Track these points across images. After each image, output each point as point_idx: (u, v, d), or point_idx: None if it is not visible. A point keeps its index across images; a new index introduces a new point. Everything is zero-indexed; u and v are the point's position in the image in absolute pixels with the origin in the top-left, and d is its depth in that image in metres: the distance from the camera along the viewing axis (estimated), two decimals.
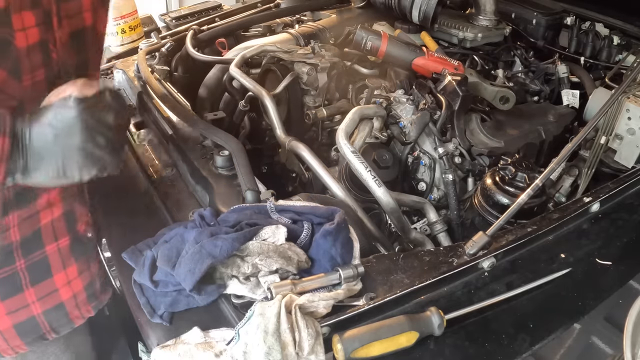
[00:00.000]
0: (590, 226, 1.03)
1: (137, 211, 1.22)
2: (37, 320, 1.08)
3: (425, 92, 1.39)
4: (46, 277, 1.05)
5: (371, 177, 1.14)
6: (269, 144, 1.68)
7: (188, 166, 1.22)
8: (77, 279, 1.11)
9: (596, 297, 0.89)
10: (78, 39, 1.01)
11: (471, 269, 0.92)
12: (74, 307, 1.12)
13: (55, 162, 0.81)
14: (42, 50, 0.91)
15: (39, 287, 1.05)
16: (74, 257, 1.09)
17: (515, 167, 1.15)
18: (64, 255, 1.07)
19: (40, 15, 0.89)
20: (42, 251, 1.03)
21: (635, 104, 1.28)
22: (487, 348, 0.80)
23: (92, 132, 0.82)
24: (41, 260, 1.04)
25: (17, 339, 1.08)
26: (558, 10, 1.87)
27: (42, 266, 1.04)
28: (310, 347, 0.74)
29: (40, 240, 1.02)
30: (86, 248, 1.13)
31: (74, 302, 1.12)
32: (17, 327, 1.06)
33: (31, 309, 1.06)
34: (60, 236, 1.06)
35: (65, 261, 1.07)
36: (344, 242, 0.91)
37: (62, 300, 1.09)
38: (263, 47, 1.63)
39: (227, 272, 0.86)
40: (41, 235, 1.02)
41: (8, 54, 0.85)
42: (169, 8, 4.35)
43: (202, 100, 1.78)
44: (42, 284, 1.05)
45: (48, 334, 1.11)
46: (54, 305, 1.08)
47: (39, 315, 1.07)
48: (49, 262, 1.05)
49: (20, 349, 1.11)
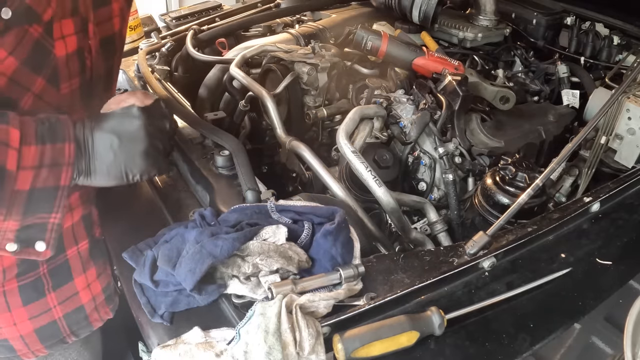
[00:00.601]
0: (590, 226, 1.03)
1: (137, 211, 1.22)
2: (58, 324, 1.09)
3: (426, 92, 1.39)
4: (67, 281, 1.07)
5: (371, 177, 1.14)
6: (269, 144, 1.68)
7: (188, 166, 1.22)
8: (95, 282, 1.12)
9: (596, 297, 0.89)
10: (108, 45, 1.06)
11: (471, 268, 0.92)
12: (93, 309, 1.14)
13: (119, 165, 0.88)
14: (79, 58, 0.95)
15: (61, 291, 1.07)
16: (92, 260, 1.11)
17: (516, 167, 1.15)
18: (84, 259, 1.09)
19: (79, 23, 0.92)
20: (63, 255, 1.05)
21: (635, 104, 1.28)
22: (487, 348, 0.81)
23: (153, 139, 0.90)
24: (63, 264, 1.06)
25: (38, 344, 1.09)
26: (558, 10, 1.87)
27: (63, 270, 1.06)
28: (311, 346, 0.75)
29: (62, 244, 1.04)
30: (102, 250, 1.15)
31: (93, 304, 1.13)
32: (38, 332, 1.07)
33: (52, 313, 1.07)
34: (80, 240, 1.08)
35: (85, 264, 1.10)
36: (344, 242, 0.91)
37: (82, 304, 1.11)
38: (263, 47, 1.63)
39: (228, 272, 0.86)
40: (63, 239, 1.03)
41: (48, 63, 0.88)
42: (169, 8, 4.35)
43: (202, 100, 1.78)
44: (64, 288, 1.07)
45: (68, 338, 1.13)
46: (74, 308, 1.10)
47: (60, 319, 1.09)
48: (69, 265, 1.06)
49: (40, 352, 1.12)
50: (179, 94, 1.49)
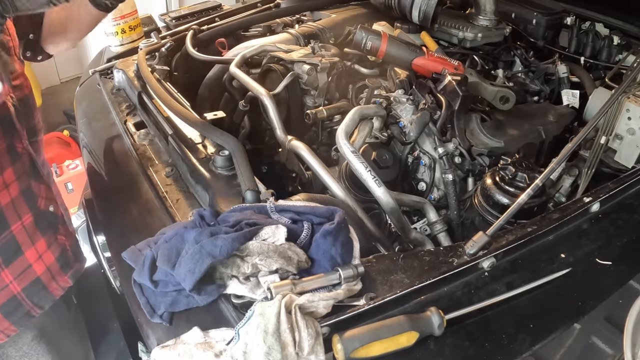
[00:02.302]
0: (590, 226, 1.03)
1: (137, 211, 1.22)
2: (18, 299, 1.12)
3: (425, 92, 1.39)
4: (18, 255, 1.09)
5: (371, 177, 1.14)
6: (269, 144, 1.68)
7: (188, 166, 1.22)
8: (47, 252, 1.15)
9: (596, 297, 0.89)
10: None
11: (471, 269, 0.91)
12: (50, 279, 1.16)
13: None
14: None
15: (13, 267, 1.09)
16: (40, 232, 1.13)
17: (515, 167, 1.15)
18: (30, 232, 1.11)
19: None
20: (8, 231, 1.07)
21: (635, 104, 1.28)
22: (487, 348, 0.80)
23: None
24: (10, 240, 1.08)
25: (5, 322, 1.12)
26: (558, 10, 1.87)
27: (11, 245, 1.08)
28: (310, 347, 0.74)
29: (5, 220, 1.06)
30: (50, 222, 1.17)
31: (49, 274, 1.16)
32: (1, 310, 1.10)
33: (10, 289, 1.10)
34: (23, 213, 1.10)
35: (32, 237, 1.11)
36: (344, 242, 0.91)
37: (37, 275, 1.14)
38: (263, 47, 1.64)
39: (227, 272, 0.86)
40: (4, 215, 1.06)
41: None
42: (169, 8, 4.35)
43: (202, 100, 1.78)
44: (16, 263, 1.09)
45: (32, 311, 1.16)
46: (31, 281, 1.13)
47: (19, 294, 1.11)
48: (17, 240, 1.09)
49: (10, 331, 1.15)
50: (179, 94, 1.49)
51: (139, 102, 1.51)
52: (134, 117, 1.54)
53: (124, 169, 1.37)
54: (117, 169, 1.42)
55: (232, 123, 1.64)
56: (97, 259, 1.65)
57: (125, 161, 1.39)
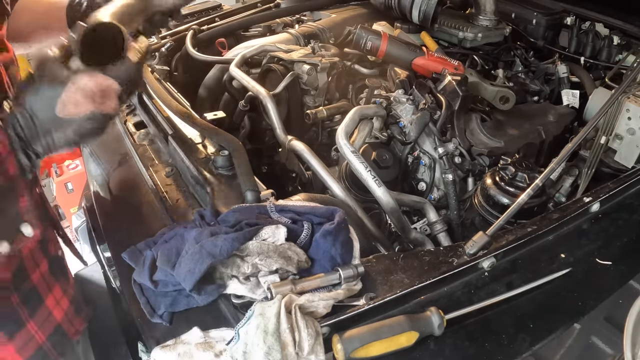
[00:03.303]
0: (590, 226, 1.03)
1: (137, 211, 1.22)
2: (44, 349, 1.09)
3: (425, 92, 1.39)
4: (40, 305, 1.07)
5: (371, 177, 1.14)
6: (269, 144, 1.68)
7: (188, 166, 1.22)
8: (63, 298, 1.13)
9: (596, 297, 0.89)
10: None
11: (471, 269, 0.91)
12: (68, 324, 1.14)
13: None
14: None
15: (37, 317, 1.06)
16: (54, 278, 1.11)
17: (515, 167, 1.15)
18: (47, 279, 1.09)
19: None
20: (29, 281, 1.04)
21: (635, 104, 1.28)
22: (487, 348, 0.80)
23: None
24: (31, 290, 1.05)
25: None
26: (558, 10, 1.87)
27: (33, 295, 1.05)
28: (310, 347, 0.74)
29: (26, 271, 1.03)
30: (60, 265, 1.15)
31: (67, 319, 1.13)
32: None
33: (36, 339, 1.07)
34: (40, 261, 1.07)
35: (49, 284, 1.09)
36: (344, 242, 0.91)
37: (58, 322, 1.11)
38: (263, 47, 1.64)
39: (227, 272, 0.86)
40: (25, 265, 1.03)
41: None
42: None
43: (202, 100, 1.78)
44: (39, 312, 1.07)
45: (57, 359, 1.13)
46: (53, 329, 1.10)
47: (44, 343, 1.08)
48: (37, 289, 1.06)
49: None
50: (179, 94, 1.49)
51: (139, 102, 1.51)
52: (134, 117, 1.54)
53: (124, 169, 1.37)
54: (117, 169, 1.42)
55: (232, 123, 1.64)
56: (97, 259, 1.65)
57: (125, 161, 1.40)
